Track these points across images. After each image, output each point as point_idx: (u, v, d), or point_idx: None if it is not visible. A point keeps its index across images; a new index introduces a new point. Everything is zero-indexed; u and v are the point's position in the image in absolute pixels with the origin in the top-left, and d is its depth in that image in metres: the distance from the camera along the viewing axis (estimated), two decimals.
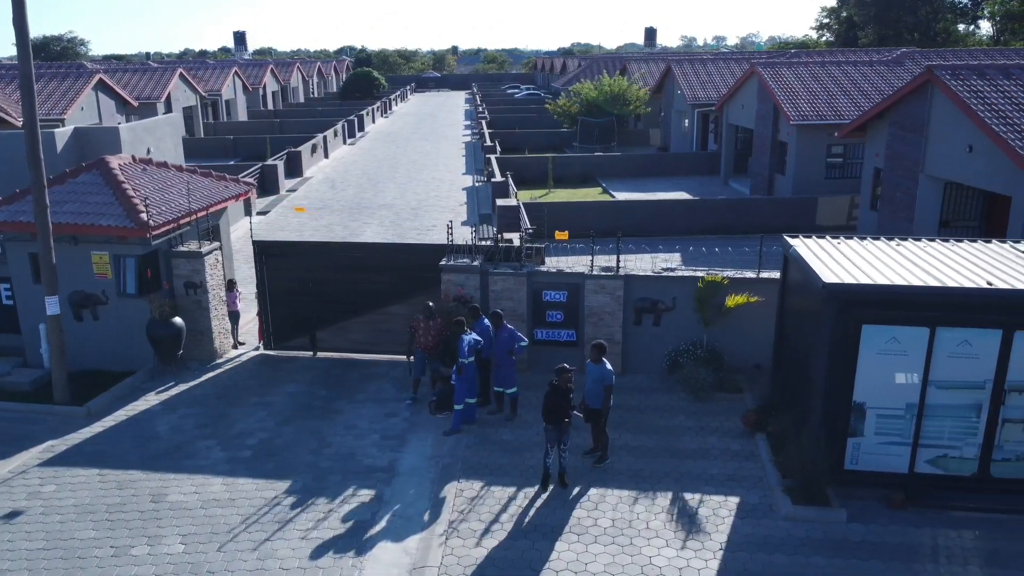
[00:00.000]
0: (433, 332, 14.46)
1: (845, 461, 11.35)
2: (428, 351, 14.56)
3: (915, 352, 10.79)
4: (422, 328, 14.53)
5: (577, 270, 15.59)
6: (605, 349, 12.45)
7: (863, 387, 11.01)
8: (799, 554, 10.17)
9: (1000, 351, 10.66)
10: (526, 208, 29.42)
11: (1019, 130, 17.77)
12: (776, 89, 30.79)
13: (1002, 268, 11.38)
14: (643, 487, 11.76)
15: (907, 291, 10.63)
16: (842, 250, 12.40)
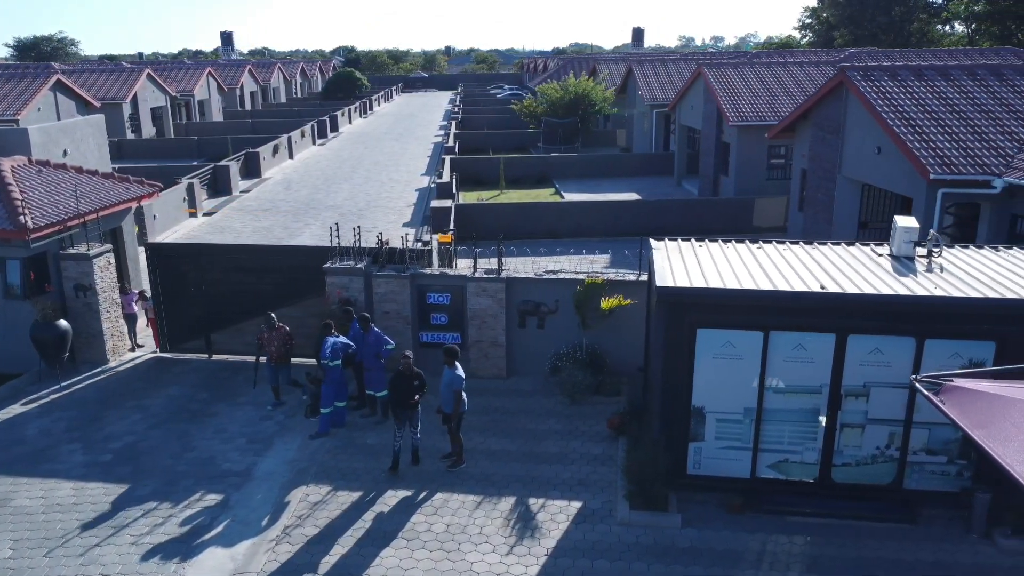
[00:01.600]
0: (276, 342, 14.42)
1: (688, 466, 11.29)
2: (274, 360, 14.50)
3: (750, 356, 10.72)
4: (265, 338, 14.47)
5: (461, 272, 15.53)
6: (456, 353, 12.36)
7: (701, 391, 10.94)
8: (622, 560, 10.09)
9: (835, 355, 10.59)
10: (471, 209, 29.46)
11: (921, 133, 17.71)
12: (719, 90, 30.71)
13: (844, 271, 11.29)
14: (489, 492, 11.69)
15: (739, 294, 10.54)
16: (697, 253, 12.32)
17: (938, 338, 10.33)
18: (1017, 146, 17.21)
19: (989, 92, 19.19)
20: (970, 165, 16.73)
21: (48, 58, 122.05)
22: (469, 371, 15.54)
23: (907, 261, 11.79)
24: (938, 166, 16.64)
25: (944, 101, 18.82)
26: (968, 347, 10.30)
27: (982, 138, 17.53)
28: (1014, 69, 20.10)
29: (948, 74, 19.84)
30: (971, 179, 16.55)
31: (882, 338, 10.46)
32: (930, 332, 10.33)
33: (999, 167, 16.66)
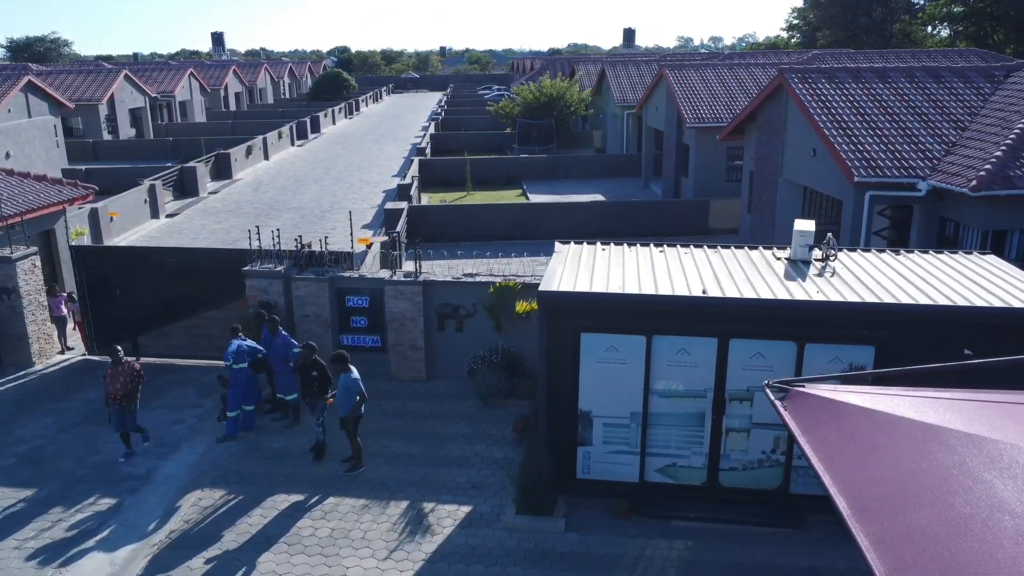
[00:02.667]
0: (121, 379, 12.54)
1: (577, 470, 11.26)
2: (117, 401, 12.48)
3: (634, 360, 10.69)
4: (109, 375, 12.59)
5: (379, 275, 15.51)
6: (345, 358, 12.37)
7: (587, 395, 10.92)
8: (498, 565, 10.07)
9: (717, 359, 10.57)
10: (425, 211, 29.43)
11: (852, 135, 17.69)
12: (678, 91, 30.69)
13: (734, 276, 11.26)
14: (382, 496, 11.67)
15: (620, 299, 10.52)
16: (596, 257, 12.29)
17: (818, 342, 10.31)
18: (946, 149, 17.19)
19: (925, 94, 19.16)
20: (896, 168, 16.71)
21: (41, 58, 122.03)
22: (389, 374, 15.67)
23: (802, 265, 11.77)
24: (863, 169, 16.62)
25: (879, 103, 18.80)
26: (848, 351, 10.27)
27: (912, 141, 17.51)
28: (952, 71, 20.08)
29: (886, 76, 19.81)
30: (896, 182, 16.54)
31: (764, 342, 10.44)
32: (810, 337, 10.31)
33: (925, 170, 16.64)
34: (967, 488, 6.12)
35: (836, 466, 6.70)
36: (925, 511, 5.97)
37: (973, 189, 14.88)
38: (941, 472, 6.37)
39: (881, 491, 6.40)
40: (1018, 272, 11.38)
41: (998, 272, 11.35)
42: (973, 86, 19.45)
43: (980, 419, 7.01)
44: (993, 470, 6.18)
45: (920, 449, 6.68)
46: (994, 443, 6.41)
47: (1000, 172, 15.10)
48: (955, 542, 5.70)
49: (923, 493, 6.13)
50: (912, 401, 7.61)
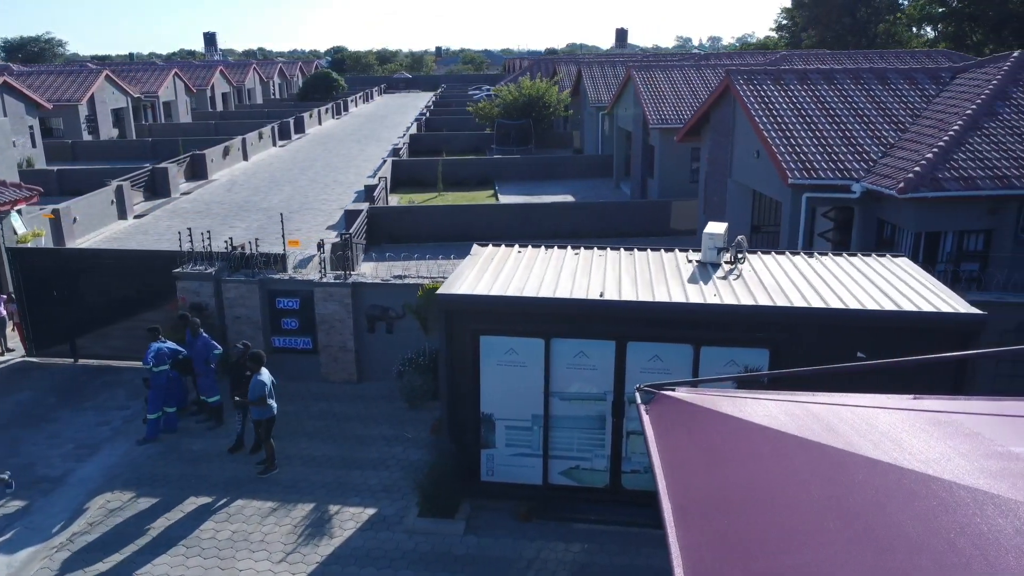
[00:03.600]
0: None
1: (481, 472, 11.28)
2: None
3: (533, 363, 10.71)
4: None
5: (308, 277, 15.52)
6: (260, 358, 12.45)
7: (489, 398, 10.94)
8: (391, 568, 10.09)
9: (616, 362, 10.59)
10: (386, 212, 29.44)
11: (791, 137, 17.70)
12: (644, 92, 30.70)
13: (638, 278, 11.27)
14: (290, 498, 11.68)
15: (518, 301, 10.54)
16: (509, 259, 12.30)
17: (714, 345, 10.33)
18: (883, 151, 17.21)
19: (869, 96, 19.17)
20: (832, 170, 16.73)
21: (36, 59, 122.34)
22: (320, 376, 15.69)
23: (710, 268, 11.78)
24: (798, 171, 16.63)
25: (822, 105, 18.81)
26: (743, 354, 10.29)
27: (851, 142, 17.52)
28: (899, 73, 20.09)
29: (832, 78, 19.83)
30: (831, 183, 16.55)
31: (661, 345, 10.46)
32: (706, 339, 10.32)
33: (861, 172, 16.65)
34: (795, 496, 6.14)
35: (676, 471, 6.70)
36: (747, 519, 6.00)
37: (900, 191, 14.89)
38: (778, 480, 6.39)
39: (711, 497, 6.42)
40: (922, 275, 11.40)
41: (903, 275, 11.37)
42: (919, 88, 19.46)
43: (839, 425, 7.02)
44: (833, 481, 6.20)
45: (765, 456, 6.70)
46: (837, 451, 6.41)
47: (928, 174, 15.11)
48: (766, 550, 5.73)
49: (754, 500, 6.15)
50: (779, 407, 7.62)
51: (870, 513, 5.93)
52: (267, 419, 12.26)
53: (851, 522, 5.90)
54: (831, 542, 5.82)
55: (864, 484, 6.23)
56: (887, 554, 5.69)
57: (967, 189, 14.99)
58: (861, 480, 6.31)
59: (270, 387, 12.34)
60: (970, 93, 18.11)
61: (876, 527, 5.91)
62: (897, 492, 6.04)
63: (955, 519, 5.29)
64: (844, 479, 6.50)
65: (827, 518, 6.16)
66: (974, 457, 6.41)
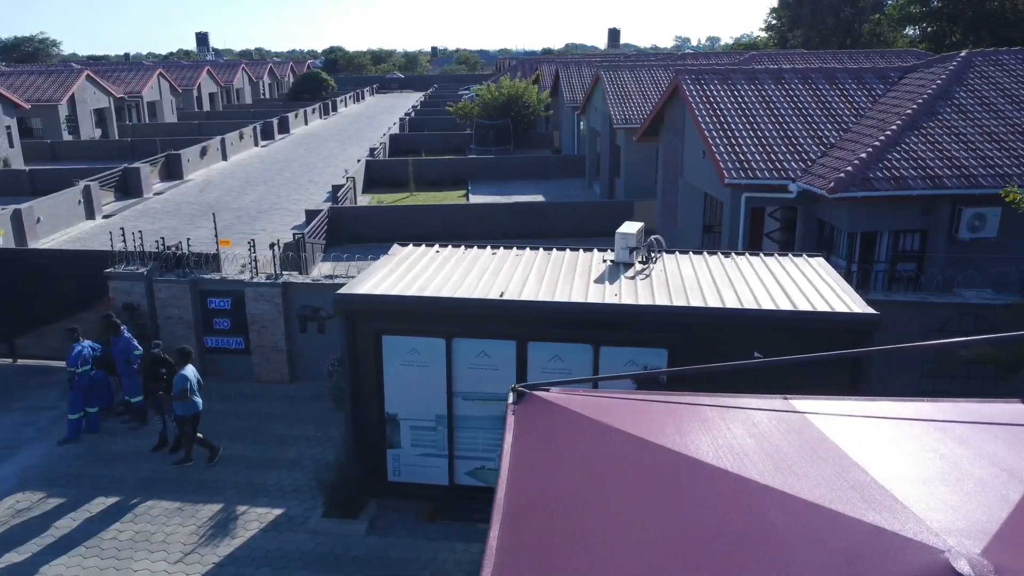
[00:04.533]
0: None
1: (388, 473, 11.25)
2: None
3: (436, 363, 10.68)
4: None
5: (239, 277, 15.49)
6: (187, 354, 12.50)
7: (393, 398, 10.91)
8: (287, 569, 10.06)
9: (517, 362, 10.56)
10: (348, 212, 29.41)
11: (732, 137, 17.68)
12: (610, 92, 30.68)
13: (544, 278, 11.24)
14: (200, 499, 11.66)
15: (418, 301, 10.50)
16: (422, 259, 12.28)
17: (613, 345, 10.30)
18: (823, 150, 17.18)
19: (816, 96, 19.14)
20: (771, 170, 16.70)
21: (30, 59, 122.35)
22: (253, 376, 15.66)
23: (622, 267, 11.74)
24: (735, 170, 16.61)
25: (767, 105, 18.78)
26: (642, 354, 10.25)
27: (792, 143, 17.49)
28: (848, 72, 20.06)
29: (781, 78, 19.80)
30: (768, 183, 16.52)
31: (561, 345, 10.43)
32: (605, 340, 10.29)
33: (799, 172, 16.62)
34: (625, 498, 6.11)
35: (521, 471, 6.68)
36: (573, 520, 5.98)
37: (830, 191, 14.87)
38: (613, 481, 6.36)
39: (546, 497, 6.40)
40: (831, 275, 11.37)
41: (811, 275, 11.33)
42: (866, 88, 19.43)
43: (691, 427, 7.00)
44: (663, 483, 6.17)
45: (608, 458, 6.67)
46: (674, 454, 6.39)
47: (860, 174, 15.08)
48: (581, 552, 5.71)
49: (585, 502, 6.12)
50: (641, 407, 7.61)
51: (693, 515, 5.93)
52: (192, 415, 12.32)
53: (670, 524, 5.90)
54: (646, 544, 5.82)
55: (693, 486, 6.23)
56: (700, 556, 5.67)
57: (898, 189, 14.96)
58: (690, 482, 6.31)
59: (193, 383, 12.36)
60: (914, 93, 18.08)
61: (696, 529, 5.89)
62: (721, 494, 6.02)
63: (759, 520, 5.24)
64: (674, 480, 6.50)
65: (649, 520, 6.16)
66: (801, 458, 6.40)
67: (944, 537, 4.44)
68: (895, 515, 4.79)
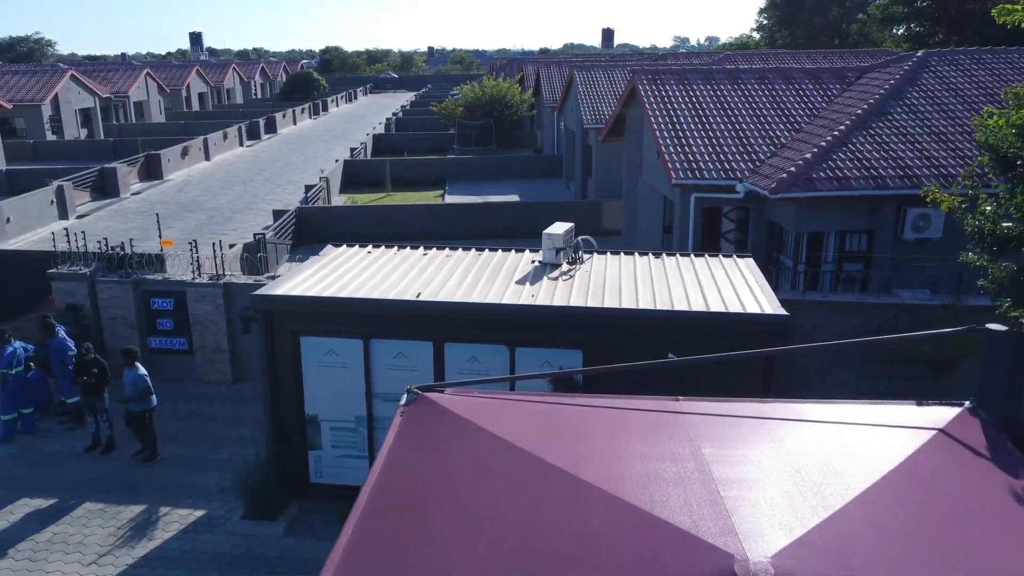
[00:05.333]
0: None
1: (311, 474, 11.23)
2: None
3: (354, 364, 10.67)
4: None
5: (181, 277, 15.47)
6: (134, 354, 12.61)
7: (313, 400, 10.89)
8: (200, 569, 10.04)
9: (435, 363, 10.54)
10: (321, 212, 29.40)
11: (684, 138, 17.64)
12: (582, 92, 30.65)
13: (465, 279, 11.21)
14: (126, 500, 11.63)
15: (334, 302, 10.48)
16: (350, 260, 12.27)
17: (528, 346, 10.27)
18: (772, 151, 17.15)
19: (771, 96, 19.10)
20: (720, 170, 16.67)
21: (25, 59, 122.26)
22: (196, 377, 15.64)
23: (548, 268, 11.72)
24: (684, 171, 16.58)
25: (721, 105, 18.74)
26: (557, 355, 10.22)
27: (743, 143, 17.46)
28: (806, 72, 20.02)
29: (738, 78, 19.76)
30: (716, 184, 16.49)
31: (477, 346, 10.40)
32: (520, 341, 10.27)
33: (747, 172, 16.58)
34: (477, 499, 6.10)
35: (392, 471, 6.68)
36: (426, 521, 5.96)
37: (772, 191, 14.84)
38: (473, 483, 6.35)
39: (407, 498, 6.38)
40: (755, 276, 11.33)
41: (735, 276, 11.31)
42: (823, 87, 19.40)
43: (561, 427, 6.98)
44: (515, 484, 6.16)
45: (476, 459, 6.65)
46: (531, 456, 6.36)
47: (803, 175, 15.04)
48: (423, 552, 5.69)
49: (442, 503, 6.12)
50: (524, 408, 7.58)
51: (528, 516, 5.92)
52: (150, 410, 12.43)
53: (506, 526, 5.90)
54: (479, 545, 5.81)
55: (536, 488, 6.23)
56: (522, 556, 5.65)
57: (841, 189, 14.92)
58: (534, 484, 6.30)
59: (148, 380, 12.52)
60: (867, 93, 18.04)
61: (527, 530, 5.88)
62: (558, 496, 6.00)
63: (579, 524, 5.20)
64: (521, 483, 6.49)
65: (490, 522, 6.15)
66: (650, 459, 6.37)
67: (744, 541, 4.43)
68: (711, 518, 4.79)
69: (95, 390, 12.72)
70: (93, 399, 12.84)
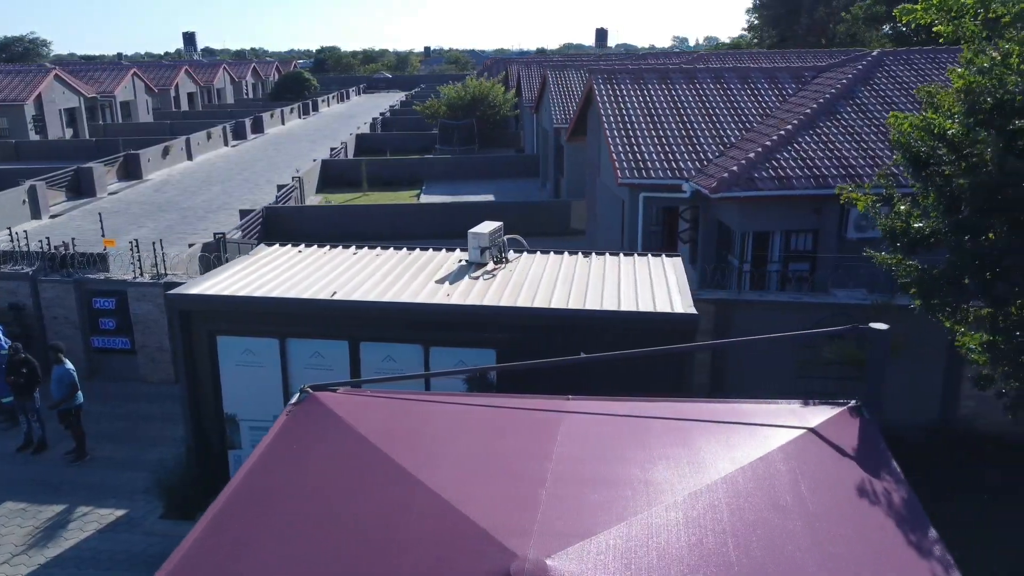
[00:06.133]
0: None
1: (231, 473, 11.19)
2: None
3: (271, 364, 10.64)
4: None
5: (123, 277, 15.44)
6: (60, 348, 12.58)
7: (231, 399, 10.86)
8: (111, 570, 10.02)
9: (351, 362, 10.52)
10: (288, 212, 29.39)
11: (635, 138, 17.62)
12: (553, 93, 30.63)
13: (387, 278, 11.19)
14: (49, 499, 11.62)
15: (250, 302, 10.45)
16: (278, 259, 12.25)
17: (442, 346, 10.25)
18: (721, 150, 17.12)
19: (726, 96, 19.08)
20: (667, 170, 16.64)
21: (20, 59, 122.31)
22: (139, 376, 15.62)
23: (473, 268, 11.69)
24: (630, 170, 16.56)
25: (675, 105, 18.73)
26: (471, 354, 10.20)
27: (693, 142, 17.44)
28: (763, 72, 20.00)
29: (694, 77, 19.74)
30: (662, 183, 16.47)
31: (393, 345, 10.38)
32: (434, 340, 10.24)
33: (694, 171, 16.56)
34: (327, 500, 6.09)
35: (259, 471, 6.66)
36: (272, 521, 5.96)
37: (712, 191, 14.82)
38: (330, 485, 6.34)
39: (263, 498, 6.37)
40: (676, 275, 11.28)
41: (657, 275, 11.27)
42: (778, 87, 19.38)
43: (429, 426, 6.97)
44: (369, 484, 6.14)
45: (339, 459, 6.64)
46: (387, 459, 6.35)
47: (745, 174, 15.02)
48: (257, 553, 5.69)
49: (294, 503, 6.12)
50: (405, 406, 7.56)
51: (365, 518, 5.89)
52: (77, 407, 12.42)
53: (344, 528, 5.89)
54: (315, 546, 5.79)
55: (381, 490, 6.21)
56: (349, 558, 5.61)
57: (782, 189, 14.90)
58: (380, 485, 6.29)
59: (75, 376, 12.56)
60: (819, 93, 18.02)
61: (361, 532, 5.84)
62: (397, 498, 5.97)
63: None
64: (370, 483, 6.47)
65: (333, 523, 6.12)
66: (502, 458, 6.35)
67: (537, 541, 4.41)
68: (518, 518, 4.77)
69: (25, 390, 12.71)
70: (23, 399, 12.82)
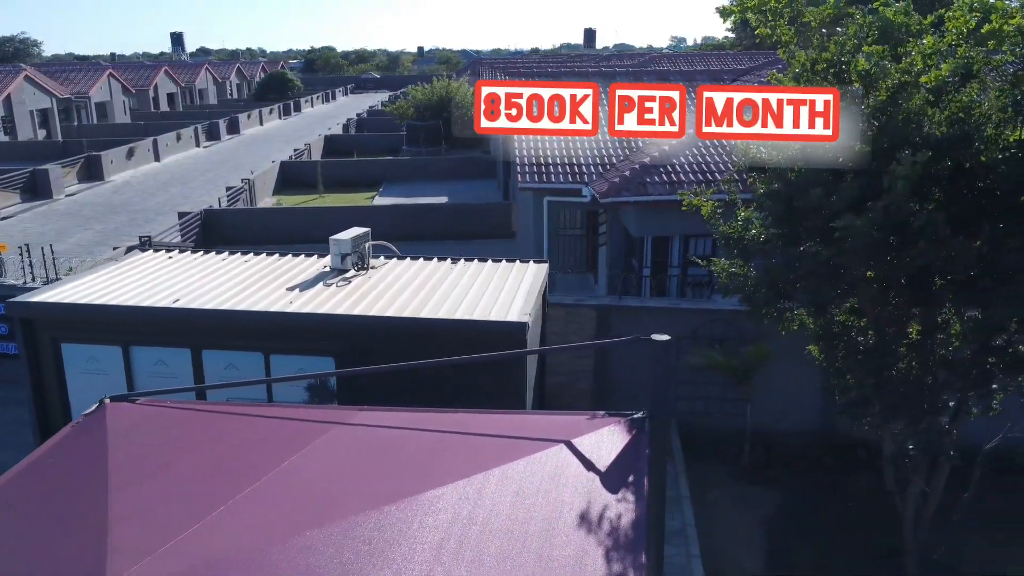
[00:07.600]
0: None
1: None
2: None
3: (115, 371, 10.61)
4: None
5: (13, 282, 15.42)
6: None
7: (78, 407, 10.79)
8: None
9: (194, 370, 10.48)
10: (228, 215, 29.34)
11: (537, 144, 17.56)
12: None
13: (235, 285, 11.15)
14: None
15: (91, 309, 10.42)
16: (146, 265, 12.24)
17: (281, 354, 10.22)
18: (626, 155, 17.07)
19: None
20: (568, 174, 16.60)
21: (10, 59, 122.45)
22: None
23: (331, 274, 11.65)
24: (532, 175, 16.52)
25: None
26: (310, 362, 10.16)
27: (600, 146, 17.38)
28: (681, 75, 19.94)
29: (613, 79, 19.66)
30: (562, 187, 16.43)
31: (234, 354, 10.36)
32: (274, 348, 10.22)
33: (595, 176, 16.51)
34: (85, 507, 6.08)
35: (29, 472, 6.71)
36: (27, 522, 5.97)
37: (602, 195, 14.78)
38: (81, 502, 6.32)
39: (28, 498, 6.41)
40: (532, 283, 11.22)
41: (510, 282, 11.22)
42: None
43: (225, 437, 6.94)
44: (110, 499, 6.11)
45: (103, 476, 6.61)
46: (147, 473, 6.33)
47: (636, 179, 14.98)
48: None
49: (41, 521, 6.09)
50: (198, 420, 7.52)
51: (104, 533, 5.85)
52: None
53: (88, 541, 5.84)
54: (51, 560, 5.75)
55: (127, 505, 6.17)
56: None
57: (673, 193, 14.83)
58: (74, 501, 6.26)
59: None
60: None
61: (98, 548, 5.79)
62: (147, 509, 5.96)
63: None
64: (71, 497, 6.43)
65: (80, 537, 6.08)
66: (227, 472, 6.31)
67: (128, 556, 4.40)
68: (160, 533, 4.74)
69: None
70: None
